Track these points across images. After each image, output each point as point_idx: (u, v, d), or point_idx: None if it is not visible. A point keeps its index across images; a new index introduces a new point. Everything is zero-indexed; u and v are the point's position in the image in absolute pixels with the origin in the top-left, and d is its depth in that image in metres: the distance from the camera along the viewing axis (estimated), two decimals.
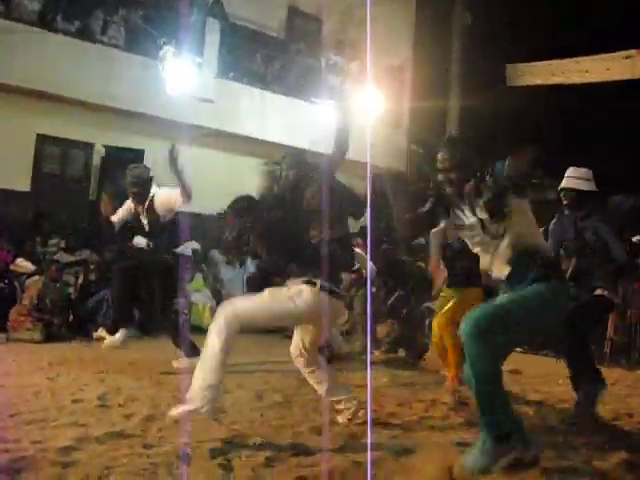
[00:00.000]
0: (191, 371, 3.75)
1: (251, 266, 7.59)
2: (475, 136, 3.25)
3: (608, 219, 4.70)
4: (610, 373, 7.36)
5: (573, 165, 4.88)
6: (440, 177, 3.35)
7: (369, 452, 3.23)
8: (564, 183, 4.80)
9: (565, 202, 4.82)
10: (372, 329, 3.38)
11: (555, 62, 11.43)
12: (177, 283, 6.08)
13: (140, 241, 6.23)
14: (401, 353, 7.53)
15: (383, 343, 7.63)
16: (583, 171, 4.81)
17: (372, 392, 4.73)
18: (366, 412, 4.15)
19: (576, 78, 10.19)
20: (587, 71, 9.85)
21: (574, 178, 4.76)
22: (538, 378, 6.34)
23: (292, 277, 3.86)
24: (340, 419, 4.17)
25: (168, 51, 9.89)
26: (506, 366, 5.56)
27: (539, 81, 11.48)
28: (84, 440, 3.52)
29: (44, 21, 9.63)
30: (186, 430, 3.70)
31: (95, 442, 3.51)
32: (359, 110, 11.62)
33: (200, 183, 10.19)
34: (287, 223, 3.97)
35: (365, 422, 4.02)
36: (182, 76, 9.99)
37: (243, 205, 4.12)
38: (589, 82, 10.09)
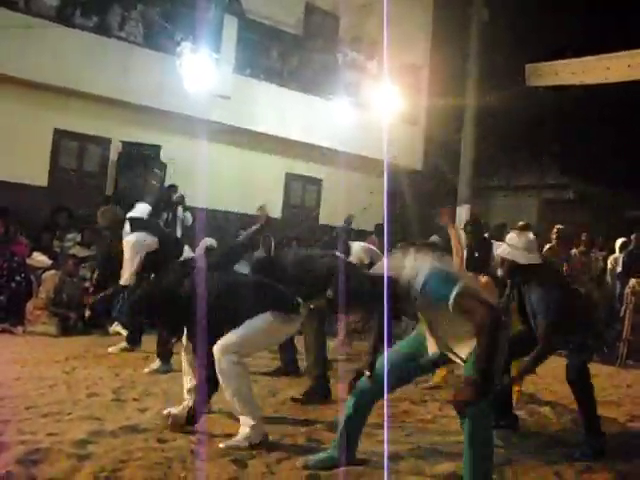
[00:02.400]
0: None
1: None
2: (491, 135, 3.16)
3: None
4: (626, 374, 7.33)
5: (590, 164, 4.66)
6: None
7: (385, 451, 3.22)
8: (499, 251, 4.30)
9: (502, 272, 4.35)
10: (390, 326, 3.34)
11: (576, 60, 11.32)
12: None
13: None
14: None
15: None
16: (519, 240, 4.16)
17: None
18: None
19: (597, 76, 10.07)
20: (609, 68, 9.73)
21: (510, 247, 4.14)
22: (553, 378, 6.29)
23: None
24: None
25: (185, 47, 9.90)
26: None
27: (560, 81, 11.35)
28: (99, 433, 3.54)
29: (62, 17, 9.68)
30: (200, 426, 3.72)
31: (110, 436, 3.53)
32: (376, 108, 11.62)
33: (216, 179, 10.30)
34: None
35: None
36: (199, 72, 10.00)
37: None
38: (610, 81, 9.97)
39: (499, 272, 4.64)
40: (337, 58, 12.66)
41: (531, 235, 4.28)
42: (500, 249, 4.28)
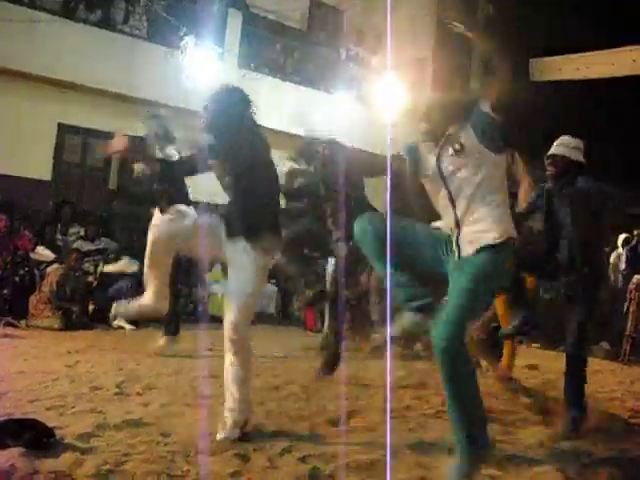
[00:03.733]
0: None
1: None
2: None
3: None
4: (629, 371, 7.33)
5: (598, 160, 4.71)
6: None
7: (388, 445, 3.22)
8: (551, 150, 4.53)
9: (549, 171, 4.53)
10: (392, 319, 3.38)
11: (579, 56, 11.28)
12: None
13: None
14: (417, 347, 7.50)
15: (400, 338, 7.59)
16: (575, 141, 4.51)
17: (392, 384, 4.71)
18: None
19: (601, 72, 10.03)
20: (613, 64, 9.68)
21: (563, 146, 4.48)
22: (555, 373, 6.29)
23: None
24: None
25: (189, 41, 9.90)
26: (523, 361, 5.54)
27: (564, 76, 11.31)
28: (102, 427, 3.54)
29: (66, 10, 9.69)
30: (203, 420, 3.73)
31: (113, 429, 3.53)
32: (380, 102, 11.60)
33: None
34: None
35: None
36: (203, 66, 10.00)
37: None
38: (615, 76, 9.93)
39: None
40: (341, 52, 12.64)
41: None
42: (552, 148, 4.50)
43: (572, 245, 4.37)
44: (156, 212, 4.57)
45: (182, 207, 4.04)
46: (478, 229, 3.03)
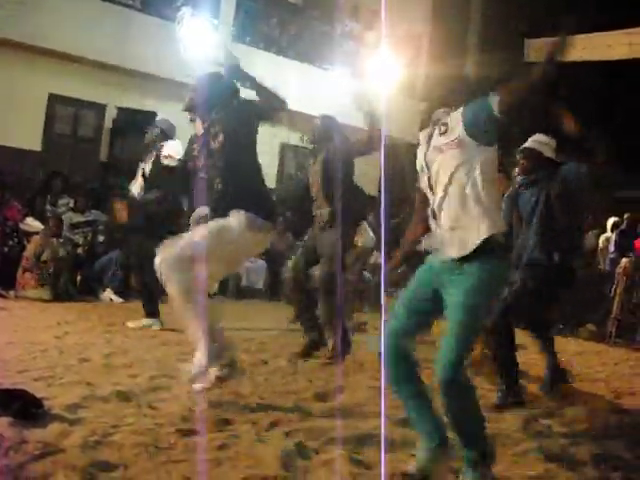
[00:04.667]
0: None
1: None
2: None
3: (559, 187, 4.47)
4: (614, 353, 7.41)
5: (591, 143, 4.76)
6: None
7: (382, 422, 3.24)
8: (525, 144, 4.66)
9: (521, 164, 4.66)
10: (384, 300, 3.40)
11: (575, 37, 11.23)
12: None
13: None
14: None
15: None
16: (547, 139, 4.66)
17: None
18: None
19: (597, 54, 9.99)
20: (610, 46, 9.65)
21: (536, 142, 4.63)
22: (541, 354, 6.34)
23: None
24: None
25: (185, 13, 9.79)
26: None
27: (559, 57, 11.28)
28: (90, 398, 3.55)
29: None
30: (191, 394, 3.74)
31: (101, 401, 3.55)
32: (374, 79, 11.53)
33: None
34: None
35: None
36: (198, 39, 9.89)
37: None
38: (611, 59, 9.90)
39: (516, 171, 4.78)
40: (336, 28, 12.55)
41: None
42: (527, 143, 4.64)
43: (536, 235, 4.46)
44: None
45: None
46: (459, 225, 2.84)
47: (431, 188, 2.95)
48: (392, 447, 3.20)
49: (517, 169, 4.73)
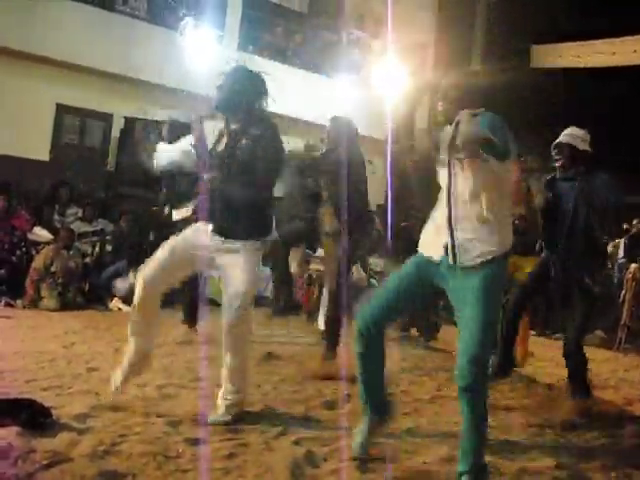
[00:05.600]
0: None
1: None
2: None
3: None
4: (624, 359, 7.36)
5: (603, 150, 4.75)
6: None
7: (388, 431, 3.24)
8: (558, 139, 4.59)
9: (557, 161, 4.59)
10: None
11: (580, 44, 11.23)
12: None
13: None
14: (413, 332, 7.54)
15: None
16: (581, 132, 4.58)
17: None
18: None
19: (601, 61, 10.00)
20: (614, 53, 9.65)
21: (569, 136, 4.55)
22: (550, 361, 6.32)
23: None
24: None
25: (189, 23, 9.84)
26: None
27: (564, 64, 11.28)
28: (98, 408, 3.55)
29: None
30: (199, 401, 3.74)
31: (109, 410, 3.54)
32: (380, 87, 11.55)
33: None
34: None
35: None
36: (203, 48, 9.94)
37: None
38: (617, 65, 9.90)
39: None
40: (342, 36, 12.58)
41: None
42: (560, 137, 4.56)
43: (576, 236, 4.42)
44: None
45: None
46: (475, 237, 2.94)
47: (449, 195, 3.00)
48: (399, 455, 3.19)
49: (556, 164, 4.62)
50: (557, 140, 4.58)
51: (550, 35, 12.31)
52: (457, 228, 2.97)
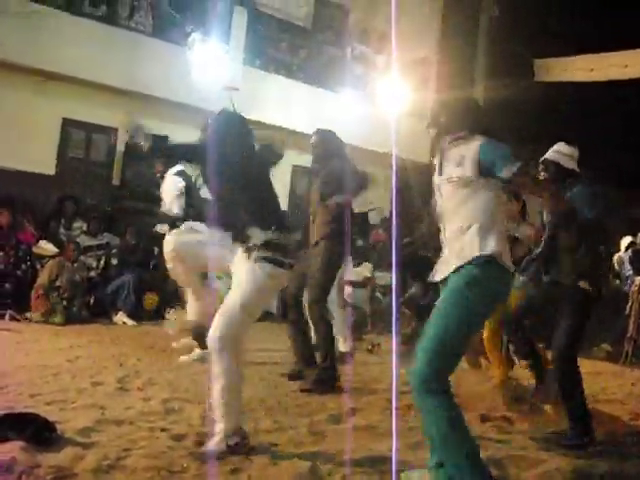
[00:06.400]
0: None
1: None
2: (500, 129, 3.09)
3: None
4: (631, 373, 7.32)
5: (602, 162, 4.71)
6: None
7: (394, 443, 3.22)
8: (545, 155, 4.50)
9: (541, 176, 4.44)
10: (397, 321, 3.37)
11: (584, 57, 11.25)
12: None
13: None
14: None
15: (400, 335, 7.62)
16: (569, 148, 4.48)
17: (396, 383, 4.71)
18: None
19: (606, 74, 10.01)
20: (626, 66, 9.64)
21: (556, 152, 4.45)
22: None
23: None
24: None
25: (195, 38, 9.89)
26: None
27: (568, 77, 11.29)
28: (103, 422, 3.55)
29: (71, 5, 9.66)
30: (204, 416, 3.73)
31: (114, 424, 3.54)
32: (384, 101, 11.58)
33: None
34: None
35: None
36: (208, 63, 9.99)
37: None
38: (628, 78, 9.88)
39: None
40: (346, 51, 12.63)
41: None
42: (547, 153, 4.46)
43: (558, 252, 4.38)
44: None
45: (195, 224, 4.05)
46: (455, 248, 2.96)
47: (440, 214, 3.05)
48: (405, 469, 3.17)
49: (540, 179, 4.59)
50: (544, 157, 4.52)
51: (555, 49, 12.36)
52: (445, 245, 3.03)
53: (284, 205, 12.02)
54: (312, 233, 5.33)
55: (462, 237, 2.93)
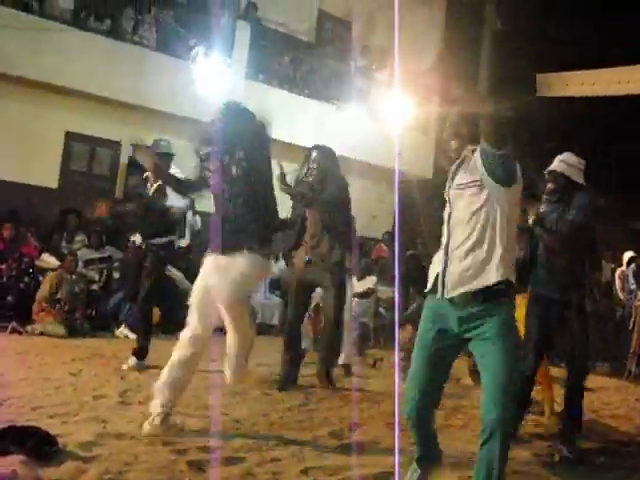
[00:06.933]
0: None
1: None
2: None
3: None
4: (635, 388, 7.29)
5: (602, 177, 4.70)
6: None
7: (396, 457, 3.21)
8: (551, 166, 4.45)
9: (548, 186, 4.46)
10: (399, 334, 3.38)
11: (586, 72, 11.27)
12: None
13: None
14: None
15: (403, 349, 7.60)
16: (576, 159, 4.43)
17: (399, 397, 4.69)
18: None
19: (609, 89, 10.02)
20: (629, 82, 9.64)
21: (563, 163, 4.39)
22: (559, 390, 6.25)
23: None
24: None
25: (198, 52, 9.94)
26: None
27: (570, 92, 11.30)
28: (105, 436, 3.53)
29: (76, 20, 9.73)
30: (205, 430, 3.71)
31: (116, 438, 3.52)
32: (387, 115, 11.62)
33: None
34: None
35: None
36: (212, 77, 10.03)
37: None
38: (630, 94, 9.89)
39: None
40: (349, 65, 12.68)
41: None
42: (553, 163, 4.40)
43: (562, 268, 4.34)
44: None
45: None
46: (468, 266, 2.84)
47: (449, 225, 2.94)
48: None
49: (547, 188, 4.51)
50: (552, 167, 4.43)
51: (557, 64, 12.38)
52: (453, 256, 2.88)
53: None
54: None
55: (478, 254, 2.83)
